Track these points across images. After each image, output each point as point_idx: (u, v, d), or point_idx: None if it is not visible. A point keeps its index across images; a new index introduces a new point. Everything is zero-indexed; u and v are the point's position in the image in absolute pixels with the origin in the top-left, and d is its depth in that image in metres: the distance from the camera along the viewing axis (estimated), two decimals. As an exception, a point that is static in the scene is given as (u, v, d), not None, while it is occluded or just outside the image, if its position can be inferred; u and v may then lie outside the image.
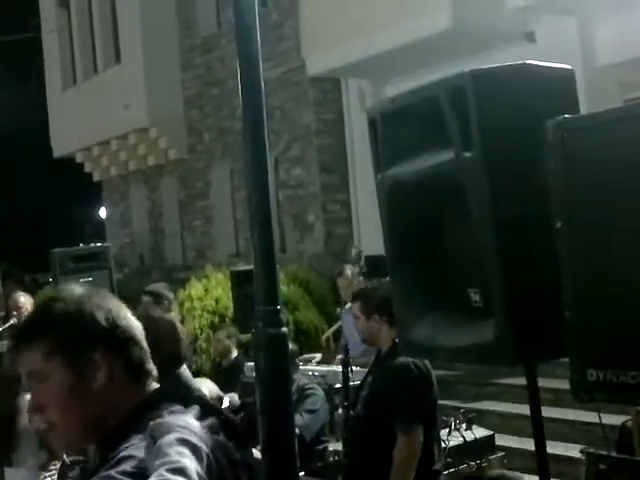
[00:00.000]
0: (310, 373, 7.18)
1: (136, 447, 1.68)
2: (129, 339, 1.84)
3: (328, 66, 12.79)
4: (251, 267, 3.58)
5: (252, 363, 6.18)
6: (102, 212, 23.00)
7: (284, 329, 3.19)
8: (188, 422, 1.71)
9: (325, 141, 14.33)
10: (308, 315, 11.56)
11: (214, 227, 17.01)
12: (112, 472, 1.62)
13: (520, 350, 2.58)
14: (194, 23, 16.98)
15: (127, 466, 1.63)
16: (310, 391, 6.16)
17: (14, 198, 25.96)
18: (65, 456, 4.15)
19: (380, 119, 2.94)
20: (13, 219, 25.53)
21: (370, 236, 12.60)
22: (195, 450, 1.64)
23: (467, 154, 2.57)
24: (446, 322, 2.90)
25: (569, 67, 2.68)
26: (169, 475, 1.55)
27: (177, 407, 1.79)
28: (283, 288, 10.27)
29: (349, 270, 8.46)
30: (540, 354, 2.66)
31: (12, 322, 7.87)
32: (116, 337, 1.82)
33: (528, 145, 2.50)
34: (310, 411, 6.07)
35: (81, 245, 9.92)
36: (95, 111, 17.77)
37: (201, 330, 11.32)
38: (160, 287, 7.23)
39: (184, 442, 1.64)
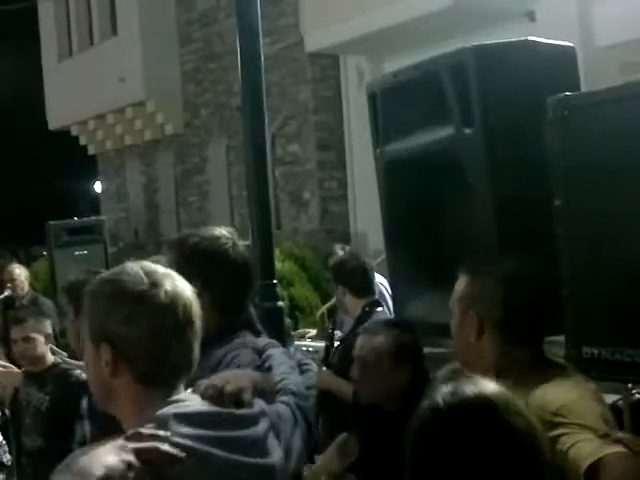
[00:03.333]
0: (304, 349, 7.20)
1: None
2: None
3: (327, 42, 12.73)
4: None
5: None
6: (97, 186, 22.95)
7: (280, 303, 3.20)
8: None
9: (322, 118, 14.29)
10: (303, 291, 11.59)
11: (209, 203, 16.99)
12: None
13: (516, 327, 2.59)
14: (192, -4, 16.89)
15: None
16: (306, 367, 6.17)
17: (8, 170, 25.88)
18: None
19: (380, 94, 2.93)
20: (7, 191, 25.45)
21: (366, 214, 12.61)
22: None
23: (467, 130, 2.57)
24: (442, 299, 2.91)
25: (571, 44, 2.67)
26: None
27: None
28: (278, 264, 10.29)
29: (340, 250, 8.48)
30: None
31: (7, 293, 7.89)
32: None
33: (528, 122, 2.49)
34: (309, 387, 6.08)
35: (76, 219, 9.91)
36: (91, 84, 17.67)
37: (195, 305, 11.32)
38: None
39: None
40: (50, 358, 4.89)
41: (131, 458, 1.60)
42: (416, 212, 2.95)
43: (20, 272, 8.11)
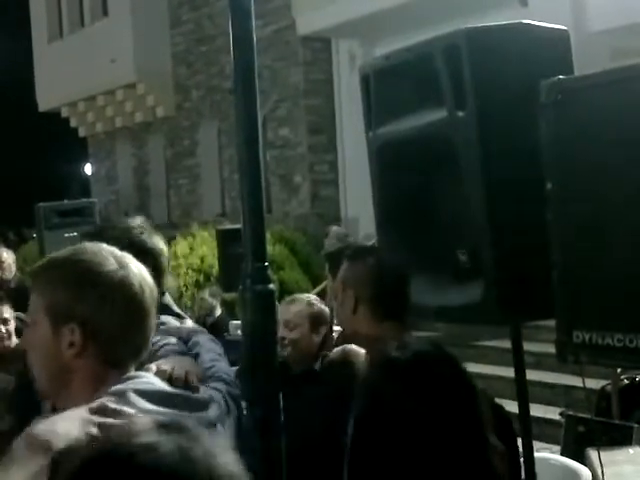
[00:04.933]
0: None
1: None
2: None
3: (318, 26, 12.69)
4: (237, 226, 3.57)
5: (237, 321, 6.18)
6: (87, 168, 22.87)
7: (271, 286, 3.19)
8: None
9: (313, 102, 14.26)
10: (293, 275, 11.59)
11: (200, 186, 16.96)
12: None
13: (507, 310, 2.60)
14: (183, -22, 16.80)
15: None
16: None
17: (-2, 152, 25.76)
18: None
19: (373, 76, 2.91)
20: (-3, 173, 25.35)
21: (356, 198, 12.60)
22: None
23: (460, 113, 2.56)
24: (434, 282, 2.91)
25: (564, 28, 2.66)
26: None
27: None
28: (268, 248, 10.29)
29: (336, 230, 8.49)
30: (527, 315, 2.68)
31: (-7, 276, 7.86)
32: None
33: (522, 105, 2.48)
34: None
35: (66, 201, 9.87)
36: (81, 65, 17.58)
37: (186, 288, 11.33)
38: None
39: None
40: (14, 340, 5.07)
41: (94, 431, 1.56)
42: (408, 195, 2.95)
43: (7, 256, 8.08)
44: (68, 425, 1.58)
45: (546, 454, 4.23)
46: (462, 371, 1.67)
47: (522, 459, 2.72)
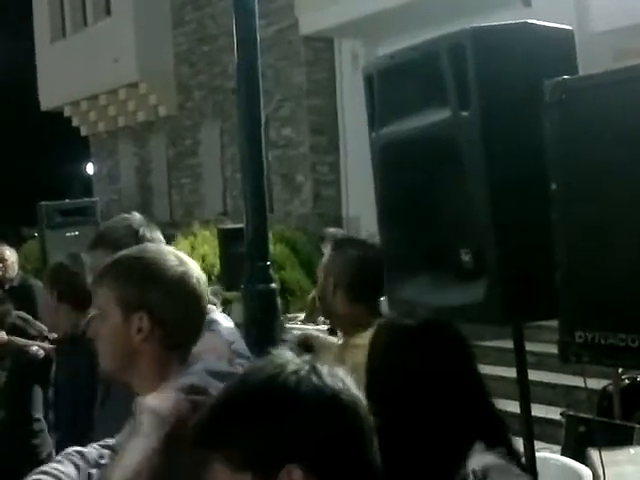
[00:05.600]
0: (295, 332, 7.21)
1: None
2: None
3: (321, 25, 12.70)
4: (239, 226, 3.57)
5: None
6: (89, 168, 22.87)
7: (273, 285, 3.20)
8: None
9: (316, 102, 14.26)
10: (294, 275, 11.59)
11: (202, 185, 16.96)
12: None
13: (510, 310, 2.59)
14: (186, -22, 16.79)
15: None
16: None
17: (0, 151, 25.74)
18: None
19: (377, 76, 2.91)
20: (-1, 172, 25.34)
21: (358, 198, 12.60)
22: None
23: (464, 113, 2.55)
24: (435, 282, 2.91)
25: (569, 28, 2.66)
26: None
27: None
28: (270, 248, 10.30)
29: (333, 233, 8.50)
30: (530, 315, 2.67)
31: (-4, 276, 7.86)
32: None
33: (526, 105, 2.48)
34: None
35: (68, 200, 9.88)
36: (84, 65, 17.59)
37: (187, 287, 11.31)
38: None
39: None
40: (3, 334, 5.20)
41: (191, 406, 1.81)
42: (411, 195, 2.94)
43: (10, 254, 8.09)
44: (172, 400, 1.83)
45: (547, 454, 4.22)
46: (461, 334, 2.05)
47: (523, 459, 2.73)
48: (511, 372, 2.95)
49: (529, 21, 2.59)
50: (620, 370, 5.42)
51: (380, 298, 3.10)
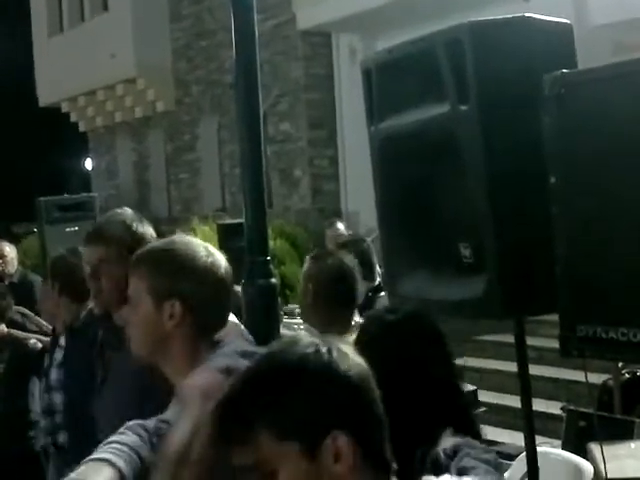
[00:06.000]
0: (295, 327, 7.21)
1: None
2: None
3: (319, 20, 12.68)
4: (238, 221, 3.57)
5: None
6: (88, 163, 22.85)
7: (273, 280, 3.20)
8: None
9: (314, 96, 14.24)
10: (294, 270, 11.59)
11: (201, 181, 16.95)
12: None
13: (510, 304, 2.59)
14: (183, -28, 16.76)
15: None
16: None
17: (-2, 147, 25.72)
18: None
19: (375, 70, 2.90)
20: (-3, 168, 25.32)
21: (357, 192, 12.60)
22: None
23: (463, 107, 2.54)
24: (436, 277, 2.90)
25: (568, 21, 2.65)
26: None
27: None
28: (269, 242, 10.30)
29: (340, 224, 8.49)
30: (530, 309, 2.67)
31: (-5, 271, 7.86)
32: None
33: (525, 99, 2.48)
34: None
35: (66, 195, 9.87)
36: (82, 60, 17.56)
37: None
38: None
39: None
40: (4, 329, 5.27)
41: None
42: (410, 189, 2.94)
43: (10, 250, 8.09)
44: (214, 378, 1.93)
45: (547, 448, 4.22)
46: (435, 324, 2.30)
47: (524, 454, 2.73)
48: (509, 366, 2.95)
49: (527, 15, 2.58)
50: (620, 364, 5.42)
51: (355, 305, 3.38)
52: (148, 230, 2.88)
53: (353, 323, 3.33)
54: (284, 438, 1.44)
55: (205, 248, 2.23)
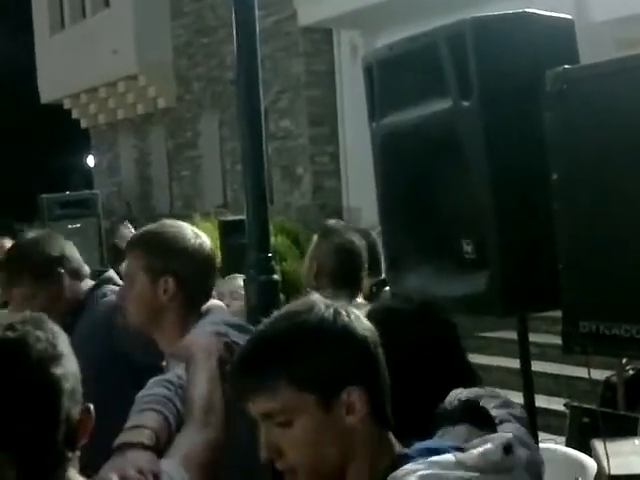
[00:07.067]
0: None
1: None
2: None
3: (320, 16, 12.66)
4: (239, 217, 3.56)
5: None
6: (90, 160, 22.85)
7: (275, 276, 3.19)
8: None
9: (315, 93, 14.21)
10: (295, 266, 11.58)
11: (202, 177, 16.94)
12: None
13: (512, 301, 2.59)
14: (184, -31, 16.74)
15: None
16: None
17: (0, 144, 25.72)
18: None
19: (376, 66, 2.90)
20: (-2, 165, 25.32)
21: (358, 189, 12.58)
22: None
23: (465, 103, 2.54)
24: (438, 273, 2.90)
25: (569, 17, 2.64)
26: None
27: None
28: (271, 239, 10.29)
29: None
30: (532, 305, 2.66)
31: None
32: None
33: (527, 95, 2.47)
34: None
35: (68, 192, 9.86)
36: (83, 57, 17.55)
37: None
38: None
39: None
40: None
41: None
42: (412, 185, 2.93)
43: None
44: (209, 337, 2.07)
45: (551, 445, 4.21)
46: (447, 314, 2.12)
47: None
48: (512, 362, 2.95)
49: (529, 11, 2.58)
50: (624, 360, 5.41)
51: (360, 285, 3.34)
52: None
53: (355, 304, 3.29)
54: (303, 389, 1.54)
55: (192, 231, 2.45)
